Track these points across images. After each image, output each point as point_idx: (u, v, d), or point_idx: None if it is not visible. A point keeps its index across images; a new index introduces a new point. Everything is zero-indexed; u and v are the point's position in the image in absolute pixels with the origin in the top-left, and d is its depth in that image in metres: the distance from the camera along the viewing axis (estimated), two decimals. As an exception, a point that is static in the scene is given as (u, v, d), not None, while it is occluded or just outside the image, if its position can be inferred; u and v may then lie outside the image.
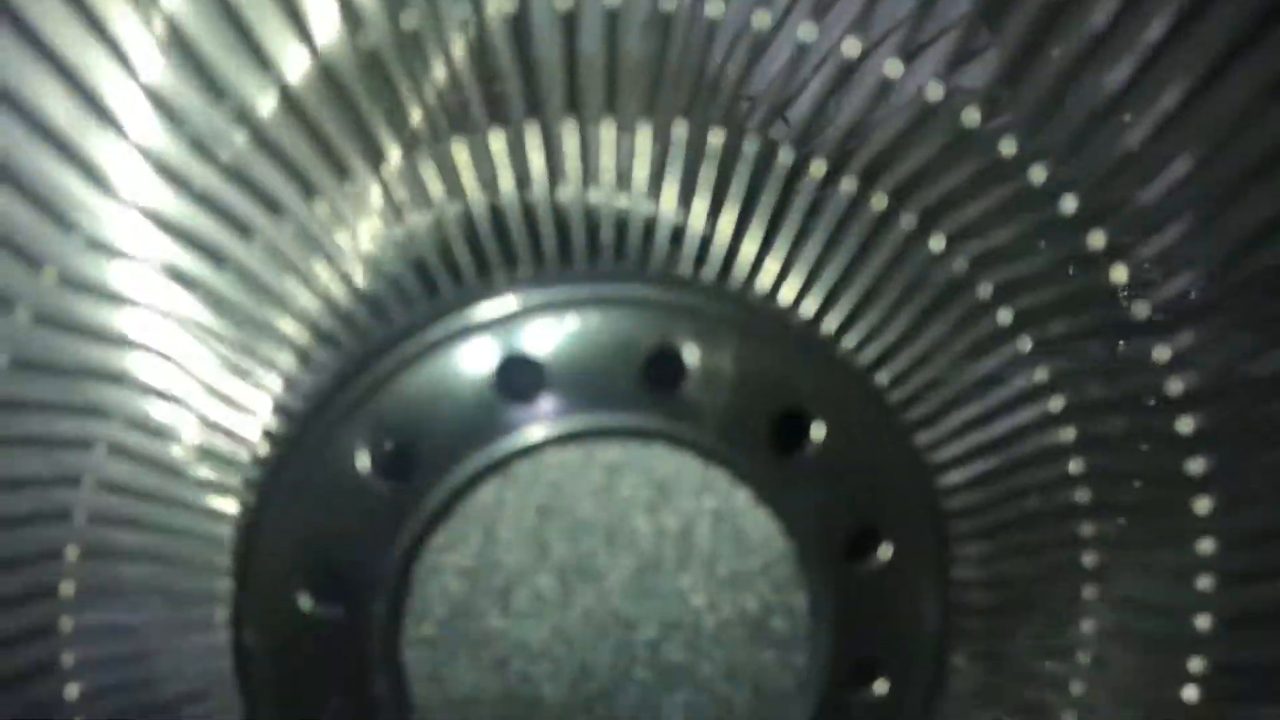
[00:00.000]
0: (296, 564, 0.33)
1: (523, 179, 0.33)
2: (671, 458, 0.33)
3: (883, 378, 0.34)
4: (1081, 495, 0.35)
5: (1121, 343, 0.33)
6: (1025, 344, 0.34)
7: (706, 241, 0.34)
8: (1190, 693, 0.35)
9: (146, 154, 0.32)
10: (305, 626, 0.33)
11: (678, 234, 0.34)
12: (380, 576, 0.33)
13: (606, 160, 0.33)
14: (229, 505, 0.34)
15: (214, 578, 0.34)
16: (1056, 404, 0.34)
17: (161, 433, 0.33)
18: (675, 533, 0.33)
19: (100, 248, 0.33)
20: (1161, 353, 0.33)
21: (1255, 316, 0.32)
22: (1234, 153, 0.32)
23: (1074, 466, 0.35)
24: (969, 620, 0.36)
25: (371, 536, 0.33)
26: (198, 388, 0.33)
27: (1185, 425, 0.33)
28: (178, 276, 0.33)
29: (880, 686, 0.35)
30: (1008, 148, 0.33)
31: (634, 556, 0.33)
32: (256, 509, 0.33)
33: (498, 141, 0.33)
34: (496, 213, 0.33)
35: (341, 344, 0.33)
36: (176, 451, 0.34)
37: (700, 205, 0.34)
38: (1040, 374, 0.34)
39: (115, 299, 0.33)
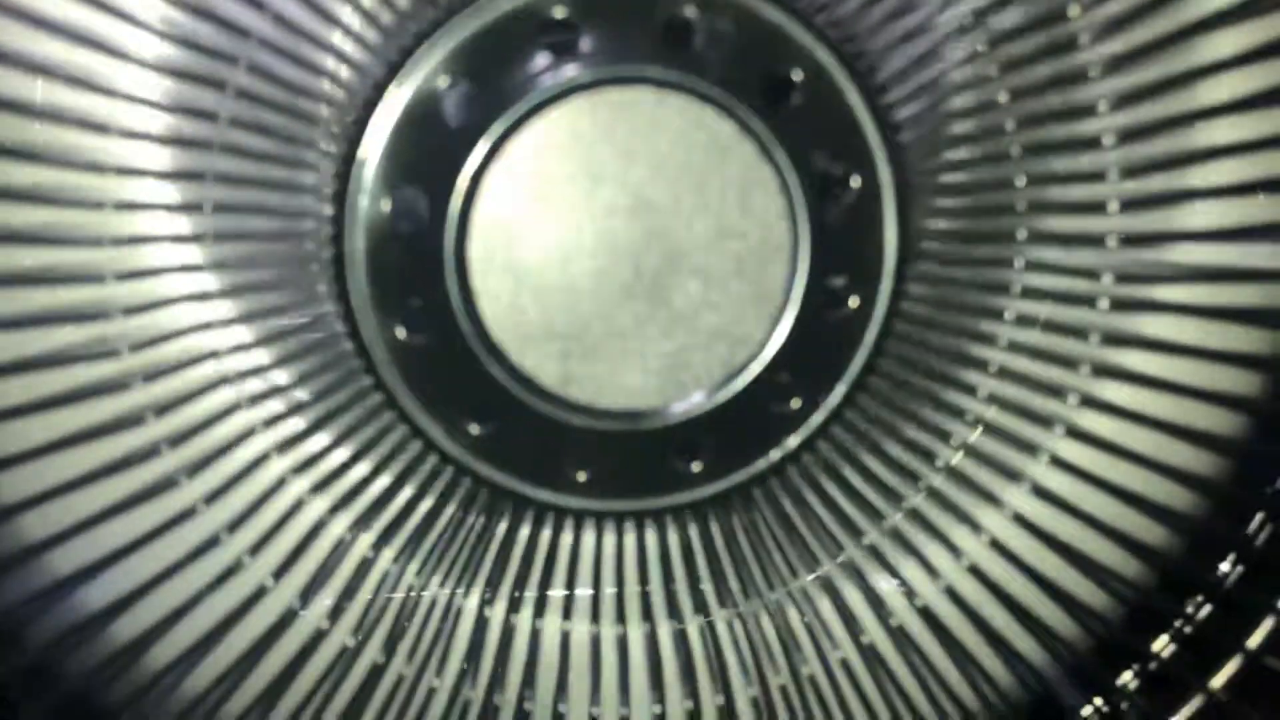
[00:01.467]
0: (386, 185, 0.42)
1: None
2: (682, 102, 0.42)
3: (854, 47, 0.43)
4: (1014, 148, 0.44)
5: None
6: (968, 18, 0.43)
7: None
8: (1103, 304, 0.44)
9: None
10: (392, 235, 0.42)
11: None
12: (452, 191, 0.42)
13: None
14: (334, 144, 0.42)
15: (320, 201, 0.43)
16: (991, 68, 0.43)
17: (286, 86, 0.42)
18: (684, 164, 0.42)
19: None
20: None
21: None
22: None
23: (1008, 124, 0.43)
24: (922, 263, 0.44)
25: (446, 160, 0.42)
26: (315, 49, 0.42)
27: (1095, 83, 0.42)
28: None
29: (852, 302, 0.44)
30: None
31: (651, 179, 0.42)
32: (353, 142, 0.42)
33: None
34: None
35: (416, 14, 0.42)
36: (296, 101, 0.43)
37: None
38: (980, 43, 0.43)
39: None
